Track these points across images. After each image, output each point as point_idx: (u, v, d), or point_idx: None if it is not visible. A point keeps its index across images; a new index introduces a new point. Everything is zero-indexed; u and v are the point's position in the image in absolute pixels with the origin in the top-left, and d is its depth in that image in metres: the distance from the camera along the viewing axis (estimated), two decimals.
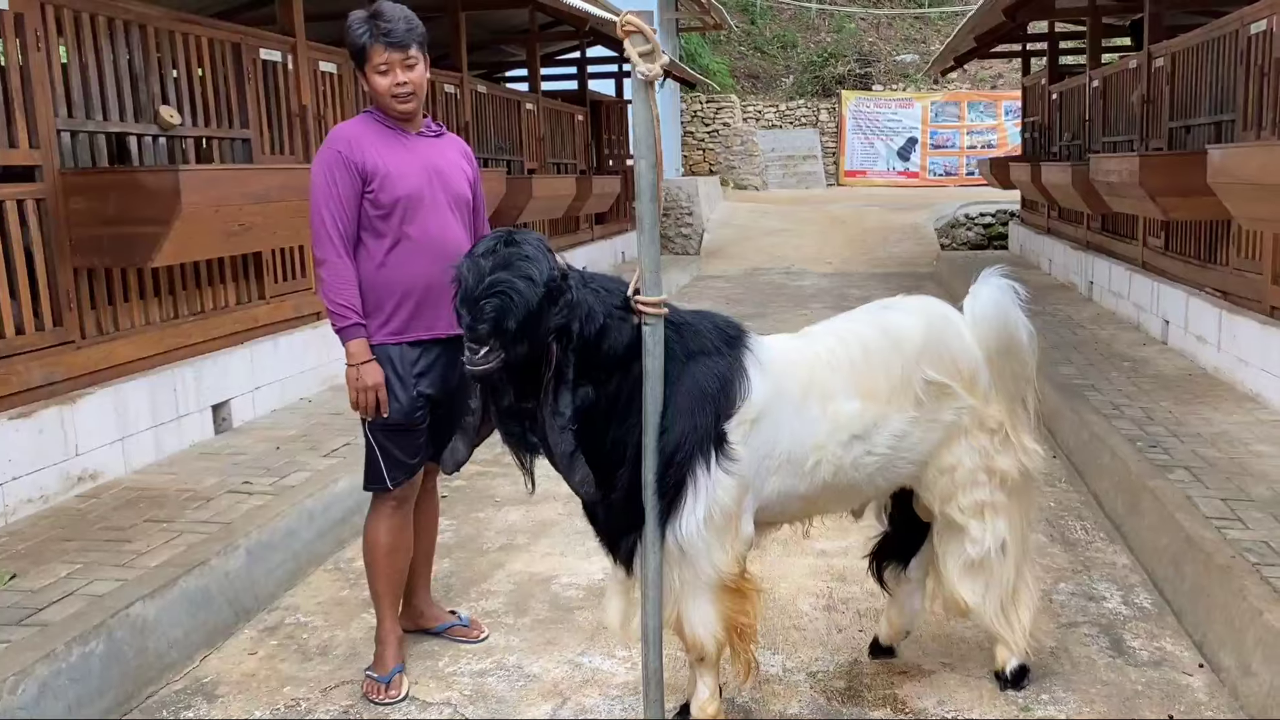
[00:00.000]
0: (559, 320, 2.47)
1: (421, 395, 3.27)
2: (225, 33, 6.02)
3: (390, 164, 3.18)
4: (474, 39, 11.40)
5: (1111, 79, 10.09)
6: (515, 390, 2.53)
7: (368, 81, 3.19)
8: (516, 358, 2.46)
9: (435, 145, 3.34)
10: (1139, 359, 7.15)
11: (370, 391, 3.19)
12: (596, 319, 2.53)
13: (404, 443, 3.29)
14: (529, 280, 2.42)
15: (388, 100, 3.18)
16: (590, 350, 2.53)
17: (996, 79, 26.75)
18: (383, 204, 3.18)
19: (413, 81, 3.17)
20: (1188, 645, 3.51)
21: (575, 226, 13.44)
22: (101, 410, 4.84)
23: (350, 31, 3.15)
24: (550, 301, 2.46)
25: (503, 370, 2.49)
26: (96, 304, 5.04)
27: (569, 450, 2.50)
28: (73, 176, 4.78)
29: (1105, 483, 4.91)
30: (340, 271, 3.18)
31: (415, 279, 3.22)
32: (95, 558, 3.89)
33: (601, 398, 2.58)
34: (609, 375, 2.58)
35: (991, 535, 2.98)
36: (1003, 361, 2.93)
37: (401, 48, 3.12)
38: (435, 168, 3.27)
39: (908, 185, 25.55)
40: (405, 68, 3.15)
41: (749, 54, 28.86)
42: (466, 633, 3.69)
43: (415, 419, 3.27)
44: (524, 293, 2.41)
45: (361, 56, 3.15)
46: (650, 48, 2.42)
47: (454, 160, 3.36)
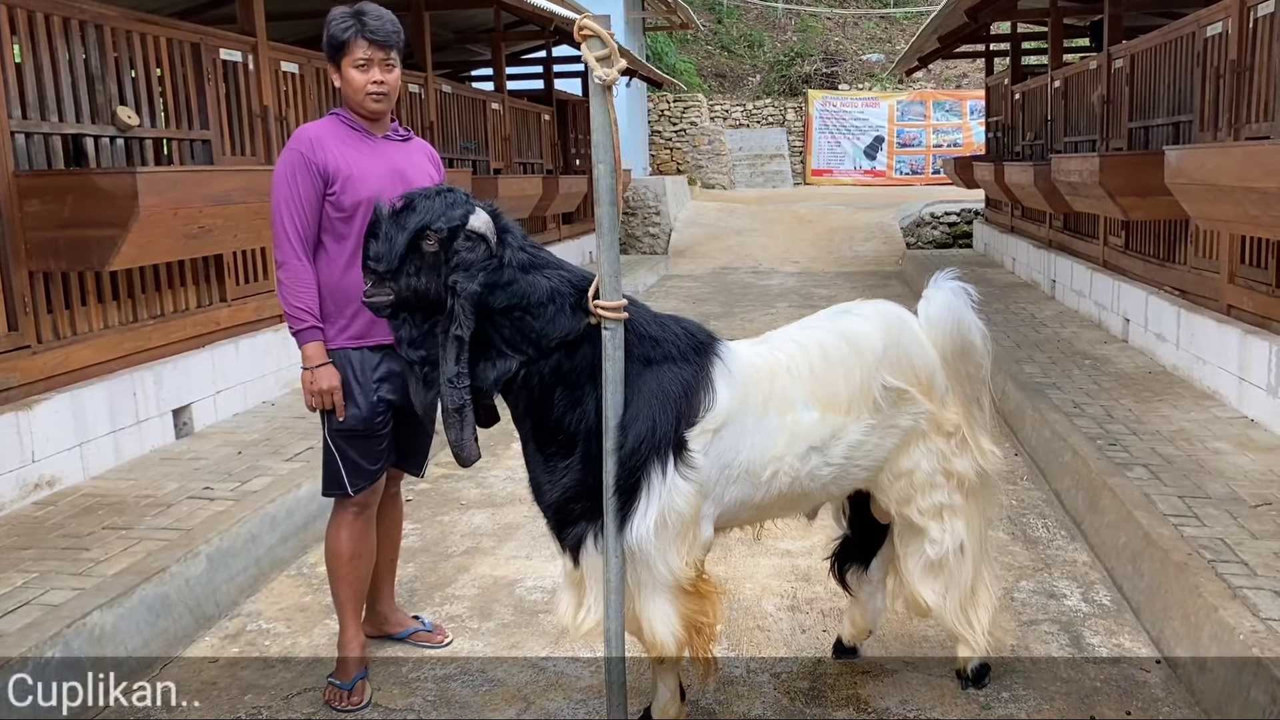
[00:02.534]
0: (453, 276, 2.54)
1: (383, 400, 3.24)
2: (185, 32, 5.96)
3: (353, 166, 3.15)
4: (439, 39, 11.34)
5: (1073, 79, 10.20)
6: (419, 335, 2.62)
7: (341, 77, 3.15)
8: (406, 300, 2.58)
9: (402, 149, 3.31)
10: (1100, 357, 7.24)
11: (325, 395, 3.17)
12: (511, 294, 2.56)
13: (364, 449, 3.26)
14: (400, 228, 2.55)
15: (361, 98, 3.15)
16: (506, 324, 2.58)
17: (961, 78, 26.96)
18: (344, 207, 3.14)
19: (389, 83, 3.16)
20: (1145, 642, 3.55)
21: (543, 226, 13.41)
22: (59, 416, 4.77)
23: (332, 24, 3.12)
24: (444, 257, 2.55)
25: (404, 311, 2.60)
26: (53, 308, 4.97)
27: (454, 406, 2.54)
28: (27, 179, 4.71)
29: (1066, 481, 4.96)
30: (299, 274, 3.15)
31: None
32: (52, 566, 3.83)
33: (532, 376, 2.61)
34: (542, 355, 2.60)
35: (950, 536, 3.01)
36: (958, 364, 2.95)
37: (385, 47, 3.12)
38: (399, 171, 3.22)
39: (874, 184, 25.67)
40: (384, 68, 3.14)
41: (716, 53, 28.92)
42: (430, 638, 3.67)
43: (376, 424, 3.24)
44: (392, 238, 2.54)
45: (341, 51, 3.12)
46: (607, 52, 2.42)
47: (420, 165, 3.33)
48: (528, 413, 2.68)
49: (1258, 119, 5.82)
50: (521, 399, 2.66)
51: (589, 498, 2.68)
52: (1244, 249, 6.03)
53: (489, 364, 2.58)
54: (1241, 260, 6.07)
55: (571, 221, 14.76)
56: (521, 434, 2.76)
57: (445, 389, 2.55)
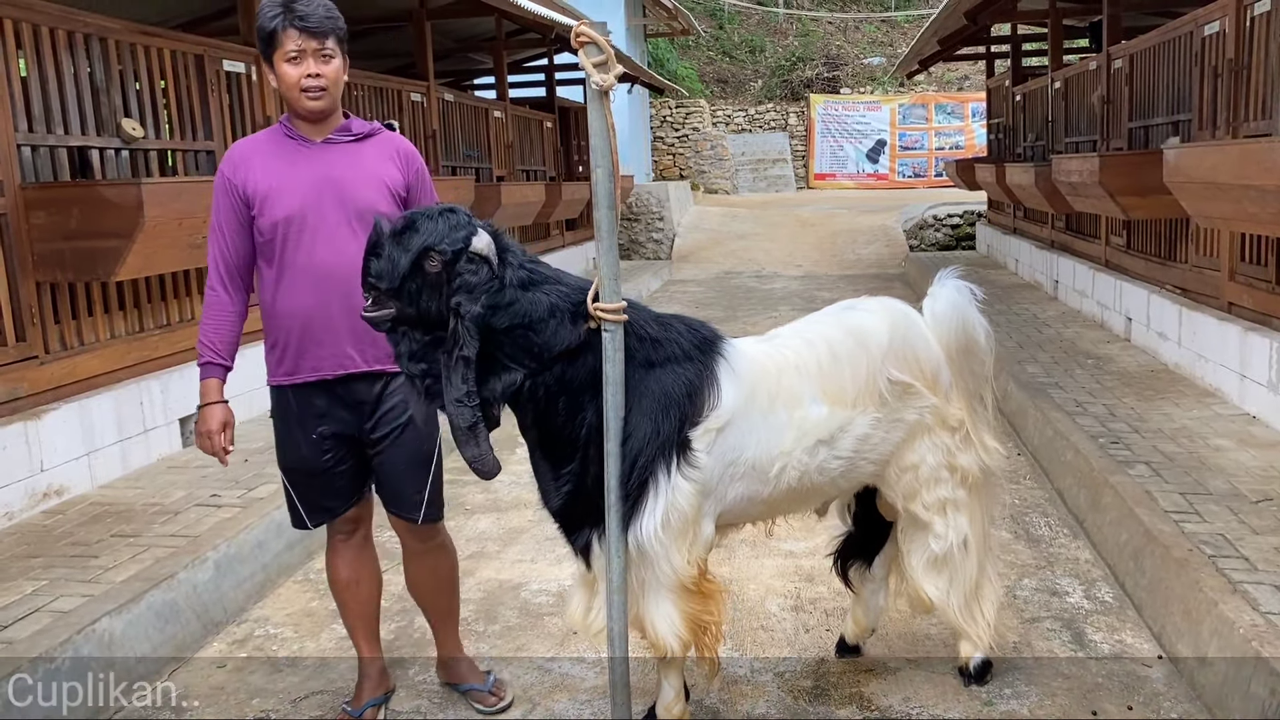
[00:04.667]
0: (456, 298, 2.52)
1: (326, 437, 2.98)
2: (188, 44, 6.01)
3: (273, 183, 2.86)
4: (441, 48, 11.41)
5: (1073, 80, 10.23)
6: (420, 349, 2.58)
7: (275, 74, 2.84)
8: (407, 317, 2.55)
9: (345, 153, 2.93)
10: (1102, 356, 7.25)
11: (204, 439, 2.96)
12: (513, 314, 2.56)
13: (315, 486, 3.05)
14: (403, 248, 2.51)
15: (295, 95, 2.82)
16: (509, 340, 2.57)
17: (963, 81, 26.99)
18: (263, 229, 2.88)
19: (326, 76, 2.82)
20: (1147, 637, 3.57)
21: (546, 233, 13.46)
22: (67, 425, 4.81)
23: (260, 14, 2.81)
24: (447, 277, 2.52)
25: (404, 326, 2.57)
26: (60, 318, 5.02)
27: (464, 424, 2.52)
28: (34, 191, 4.76)
29: (1068, 479, 4.98)
30: (211, 303, 2.94)
31: (295, 313, 2.90)
32: (61, 574, 3.87)
33: (538, 386, 2.62)
34: (546, 366, 2.60)
35: (954, 531, 3.04)
36: (962, 360, 2.99)
37: (317, 35, 2.79)
38: (330, 180, 2.87)
39: (877, 187, 25.71)
40: (320, 59, 2.81)
41: (717, 58, 28.98)
42: (482, 699, 3.30)
43: (324, 462, 3.00)
44: (394, 258, 2.50)
45: (271, 43, 2.80)
46: (604, 57, 2.45)
47: (367, 167, 2.93)
48: (535, 422, 2.68)
49: (1255, 117, 5.84)
50: (529, 409, 2.66)
51: (594, 502, 2.70)
52: (1244, 246, 6.05)
53: (495, 378, 2.58)
54: (1241, 258, 6.09)
55: (575, 228, 14.80)
56: (529, 443, 2.76)
57: (455, 409, 2.52)
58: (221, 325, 2.96)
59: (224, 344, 2.97)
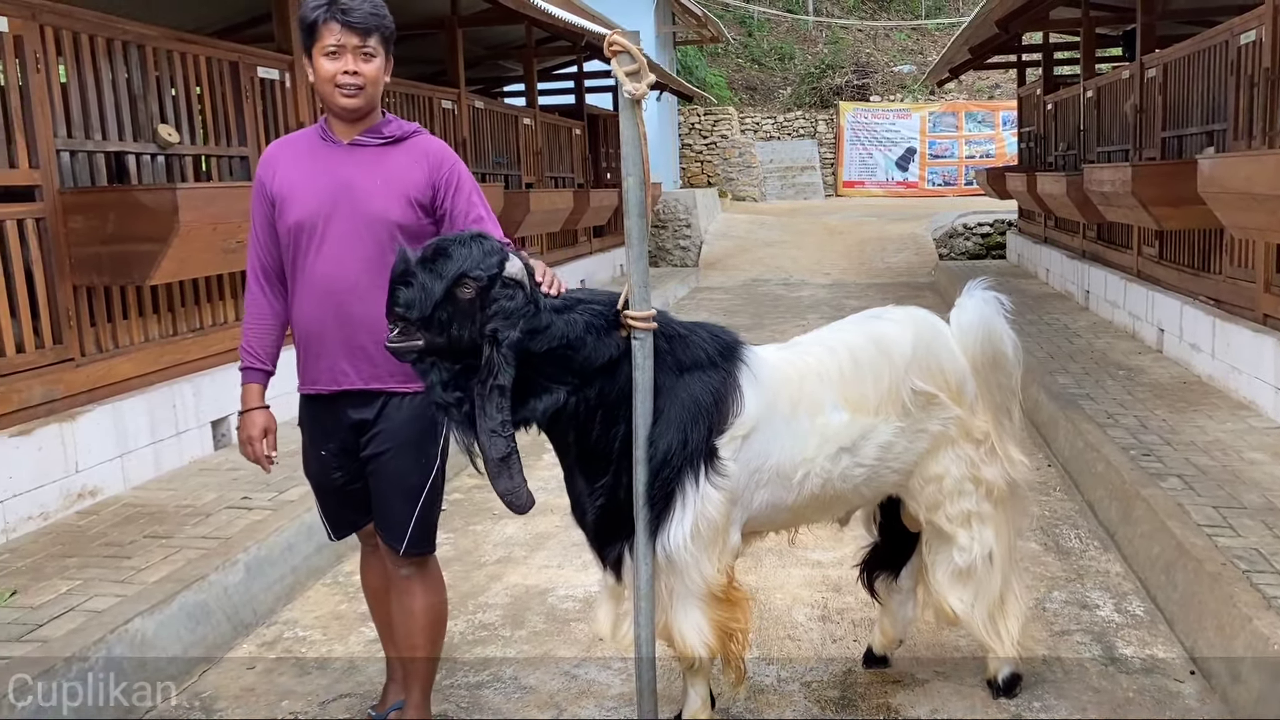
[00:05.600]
0: (491, 325, 2.46)
1: (335, 455, 2.89)
2: (223, 51, 6.08)
3: (293, 186, 2.78)
4: (472, 55, 11.47)
5: (1105, 89, 10.15)
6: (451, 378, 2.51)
7: (313, 68, 2.74)
8: (436, 347, 2.47)
9: (366, 156, 2.80)
10: (1134, 367, 7.19)
11: (246, 445, 2.92)
12: (551, 337, 2.52)
13: (330, 502, 3.00)
14: (436, 275, 2.44)
15: (329, 90, 2.71)
16: (549, 362, 2.53)
17: (994, 89, 26.86)
18: (280, 234, 2.82)
19: (365, 74, 2.71)
20: (1179, 652, 3.53)
21: (574, 240, 13.50)
22: (101, 427, 4.87)
23: (304, 4, 2.72)
24: (480, 305, 2.46)
25: (435, 358, 2.49)
26: (96, 321, 5.08)
27: (498, 455, 2.48)
28: (72, 196, 4.83)
29: (1099, 491, 4.94)
30: (251, 307, 2.91)
31: (300, 323, 2.85)
32: (95, 574, 3.92)
33: (579, 403, 2.60)
34: (587, 382, 2.59)
35: (979, 544, 3.02)
36: (988, 372, 2.97)
37: (360, 32, 2.68)
38: (346, 186, 2.75)
39: (906, 195, 25.62)
40: (361, 56, 2.70)
41: (746, 66, 29.00)
42: None
43: (334, 480, 2.93)
44: (427, 286, 2.42)
45: (311, 35, 2.71)
46: (637, 66, 2.46)
47: (388, 173, 2.78)
48: (575, 439, 2.66)
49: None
50: (570, 427, 2.63)
51: (627, 513, 2.70)
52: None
53: (536, 399, 2.54)
54: (1277, 269, 6.02)
55: (602, 235, 14.84)
56: (565, 461, 2.75)
57: (489, 439, 2.46)
58: (261, 329, 2.91)
59: (264, 348, 2.92)
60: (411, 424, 2.83)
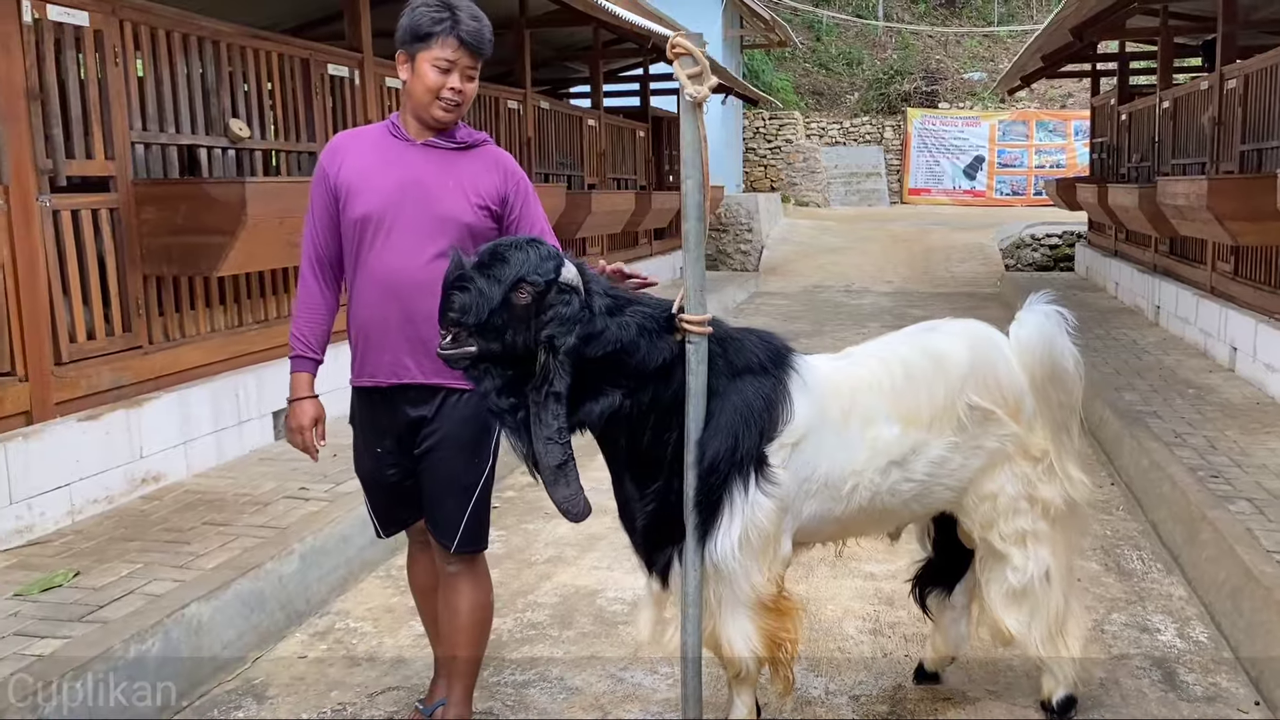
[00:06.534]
0: (547, 331, 2.44)
1: (389, 452, 2.90)
2: (295, 48, 6.18)
3: (361, 178, 2.80)
4: (540, 56, 11.54)
5: (1182, 100, 9.91)
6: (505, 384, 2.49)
7: (413, 70, 2.75)
8: (490, 353, 2.45)
9: (438, 157, 2.84)
10: (1204, 386, 7.00)
11: (295, 434, 2.93)
12: (606, 342, 2.49)
13: (381, 499, 3.00)
14: (494, 280, 2.41)
15: (428, 101, 2.74)
16: (604, 366, 2.51)
17: (1066, 98, 26.37)
18: (345, 226, 2.83)
19: (466, 94, 2.78)
20: (1244, 682, 3.42)
21: (634, 241, 13.52)
22: (166, 414, 4.98)
23: (416, 12, 2.72)
24: (535, 310, 2.44)
25: (489, 365, 2.47)
26: (164, 311, 5.19)
27: (555, 463, 2.45)
28: (144, 187, 4.94)
29: (1163, 512, 4.81)
30: (303, 295, 2.92)
31: (361, 315, 2.85)
32: (155, 558, 4.00)
33: (634, 406, 2.58)
34: (642, 386, 2.57)
35: (1034, 564, 2.94)
36: (1048, 389, 2.89)
37: (474, 53, 2.74)
38: (417, 184, 2.78)
39: (973, 204, 25.27)
40: (466, 76, 2.76)
41: (814, 70, 28.81)
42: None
43: (387, 477, 2.94)
44: (484, 291, 2.40)
45: (424, 41, 2.71)
46: (699, 69, 2.45)
47: (460, 176, 2.83)
48: (627, 443, 2.64)
49: None
50: (623, 431, 2.62)
51: (677, 519, 2.68)
52: None
53: (593, 401, 2.52)
54: None
55: (663, 237, 14.83)
56: (614, 466, 2.73)
57: (545, 446, 2.44)
58: (313, 317, 2.92)
59: (315, 337, 2.93)
60: (468, 423, 2.84)
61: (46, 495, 4.31)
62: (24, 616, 3.47)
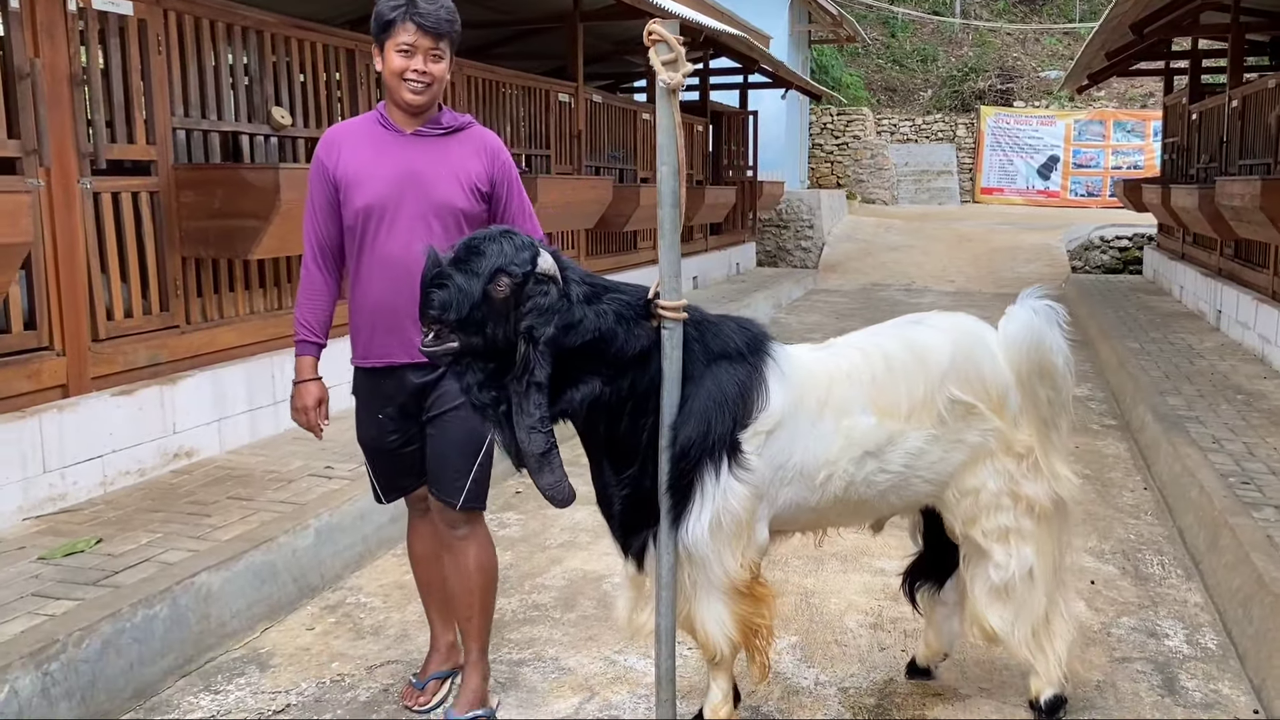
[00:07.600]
0: (527, 322, 2.46)
1: (392, 418, 3.06)
2: (339, 39, 6.30)
3: (360, 169, 2.94)
4: (598, 50, 11.60)
5: (1251, 99, 9.61)
6: (486, 378, 2.51)
7: (382, 60, 2.91)
8: (472, 348, 2.47)
9: (429, 146, 2.98)
10: (1254, 392, 6.80)
11: (300, 414, 3.11)
12: (584, 331, 2.51)
13: (383, 466, 3.15)
14: (472, 275, 2.43)
15: (396, 84, 2.89)
16: (584, 354, 2.52)
17: (1147, 98, 25.70)
18: (347, 216, 2.98)
19: (433, 74, 2.89)
20: (1246, 690, 3.34)
21: (688, 236, 13.51)
22: (200, 392, 5.14)
23: (379, 3, 2.89)
24: (514, 302, 2.45)
25: (468, 358, 2.49)
26: (202, 292, 5.35)
27: (538, 451, 2.48)
28: (184, 171, 5.10)
29: (1189, 517, 4.70)
30: (307, 283, 3.07)
31: (368, 301, 3.00)
32: (175, 529, 4.13)
33: (613, 393, 2.60)
34: (621, 373, 2.59)
35: (1016, 562, 2.90)
36: (1035, 384, 2.85)
37: (434, 35, 2.86)
38: (413, 173, 2.93)
39: (1047, 205, 24.78)
40: (431, 57, 2.88)
41: (887, 66, 28.49)
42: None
43: (389, 443, 3.08)
44: (463, 287, 2.41)
45: (386, 30, 2.88)
46: (674, 56, 2.46)
47: (451, 162, 2.98)
48: (605, 430, 2.66)
49: None
50: (602, 417, 2.64)
51: (652, 503, 2.70)
52: None
53: (573, 389, 2.54)
54: None
55: (719, 232, 14.79)
56: (593, 452, 2.75)
57: (529, 435, 2.47)
58: (316, 304, 3.08)
59: (318, 322, 3.09)
60: None
61: (80, 466, 4.48)
62: (44, 579, 3.62)
